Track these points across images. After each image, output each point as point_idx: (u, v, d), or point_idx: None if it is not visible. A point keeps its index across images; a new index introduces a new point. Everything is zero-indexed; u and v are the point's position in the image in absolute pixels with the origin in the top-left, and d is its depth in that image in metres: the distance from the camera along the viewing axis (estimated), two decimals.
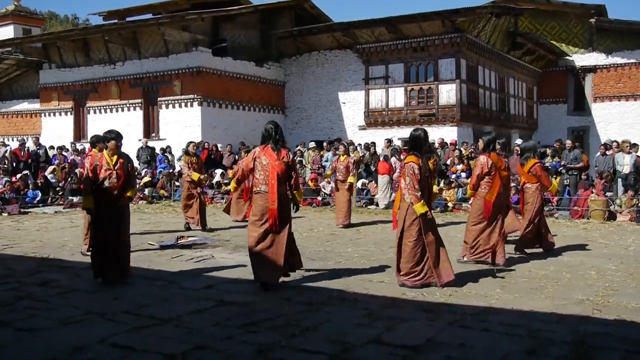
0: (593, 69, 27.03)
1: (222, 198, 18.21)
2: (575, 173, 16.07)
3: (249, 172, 6.76)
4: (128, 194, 7.20)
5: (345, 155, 13.07)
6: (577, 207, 14.32)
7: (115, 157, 7.17)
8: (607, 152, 16.43)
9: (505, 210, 8.43)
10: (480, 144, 8.21)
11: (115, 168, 7.09)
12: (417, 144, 6.75)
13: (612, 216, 13.75)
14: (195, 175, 12.01)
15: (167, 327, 5.10)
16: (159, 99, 22.36)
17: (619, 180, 15.30)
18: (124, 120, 22.96)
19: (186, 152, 12.56)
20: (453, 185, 16.47)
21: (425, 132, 6.86)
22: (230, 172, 13.00)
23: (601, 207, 13.77)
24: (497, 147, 8.38)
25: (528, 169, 9.07)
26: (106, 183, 7.03)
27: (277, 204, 6.46)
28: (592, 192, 14.28)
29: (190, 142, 12.78)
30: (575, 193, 15.13)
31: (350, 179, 12.92)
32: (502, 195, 8.06)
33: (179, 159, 16.66)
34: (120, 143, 7.29)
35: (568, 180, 15.79)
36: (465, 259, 8.07)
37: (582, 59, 27.20)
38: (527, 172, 9.07)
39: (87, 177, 7.04)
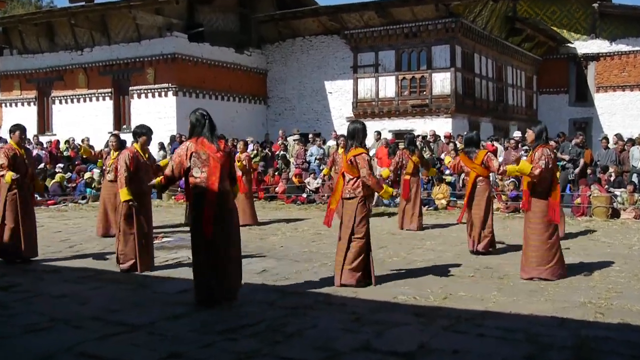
0: (596, 57, 27.27)
1: None
2: (568, 167, 16.20)
3: (182, 172, 6.08)
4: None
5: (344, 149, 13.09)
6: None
7: (147, 154, 8.01)
8: (610, 146, 16.60)
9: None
10: (530, 134, 7.42)
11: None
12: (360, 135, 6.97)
13: (615, 213, 13.88)
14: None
15: (140, 334, 5.07)
16: (130, 88, 22.26)
17: (635, 175, 15.42)
18: (93, 111, 22.85)
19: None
20: (446, 181, 16.53)
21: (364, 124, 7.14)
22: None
23: (604, 204, 13.89)
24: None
25: (480, 161, 9.09)
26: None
27: (218, 202, 5.94)
28: (590, 189, 14.38)
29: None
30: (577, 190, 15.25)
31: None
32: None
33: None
34: (150, 138, 8.09)
35: (573, 175, 15.85)
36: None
37: (584, 46, 27.43)
38: (480, 165, 9.09)
39: (128, 169, 7.67)
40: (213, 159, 6.00)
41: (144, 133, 7.97)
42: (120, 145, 10.42)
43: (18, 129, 8.48)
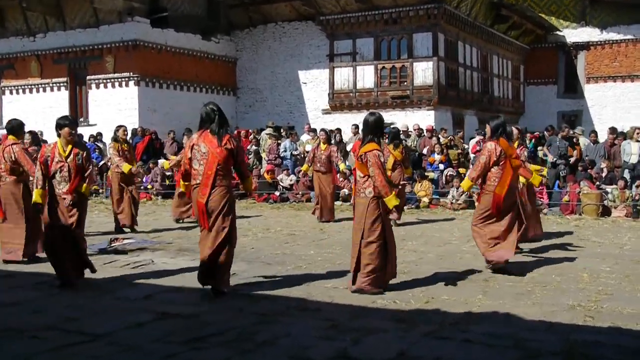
0: (586, 46, 27.60)
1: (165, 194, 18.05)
2: (559, 163, 16.39)
3: (190, 164, 6.59)
4: (82, 189, 7.29)
5: (326, 144, 13.36)
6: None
7: (69, 147, 7.31)
8: (598, 140, 16.84)
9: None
10: (488, 129, 8.07)
11: (68, 160, 7.25)
12: (378, 129, 6.85)
13: (606, 211, 14.08)
14: (126, 167, 11.73)
15: (99, 344, 5.04)
16: (87, 77, 22.01)
17: (626, 171, 15.59)
18: (47, 102, 22.54)
19: (115, 139, 12.28)
20: (429, 177, 16.64)
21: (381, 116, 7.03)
22: (172, 158, 12.95)
23: (594, 202, 14.08)
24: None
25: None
26: (57, 177, 7.20)
27: (207, 197, 6.37)
28: (579, 186, 14.57)
29: (120, 126, 12.43)
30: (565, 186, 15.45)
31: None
32: (515, 188, 7.97)
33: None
34: (75, 131, 7.50)
35: (564, 172, 16.03)
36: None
37: (573, 34, 27.74)
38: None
39: (39, 170, 7.26)
40: (212, 154, 6.36)
41: (65, 125, 7.34)
42: (35, 142, 10.51)
43: None
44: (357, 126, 19.94)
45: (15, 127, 8.87)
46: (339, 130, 19.70)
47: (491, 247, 7.76)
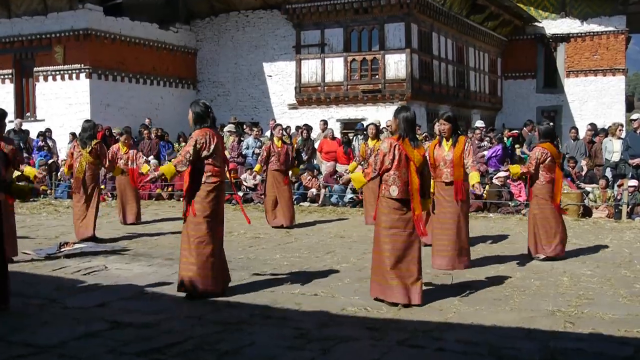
0: (566, 38, 28.03)
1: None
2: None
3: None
4: None
5: (375, 140, 12.80)
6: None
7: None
8: (579, 137, 17.09)
9: None
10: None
11: None
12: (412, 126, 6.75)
13: (587, 212, 14.28)
14: (145, 168, 12.81)
15: (48, 356, 4.98)
16: (35, 69, 21.79)
17: (608, 169, 15.76)
18: None
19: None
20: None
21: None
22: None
23: (574, 202, 14.27)
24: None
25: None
26: None
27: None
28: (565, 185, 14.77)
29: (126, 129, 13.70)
30: None
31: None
32: None
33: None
34: (4, 123, 7.51)
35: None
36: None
37: (553, 25, 28.16)
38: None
39: None
40: (222, 151, 7.02)
41: None
42: None
43: None
44: (325, 122, 20.01)
45: None
46: (306, 126, 19.67)
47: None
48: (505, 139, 18.90)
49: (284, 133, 14.01)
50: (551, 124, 9.07)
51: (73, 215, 11.17)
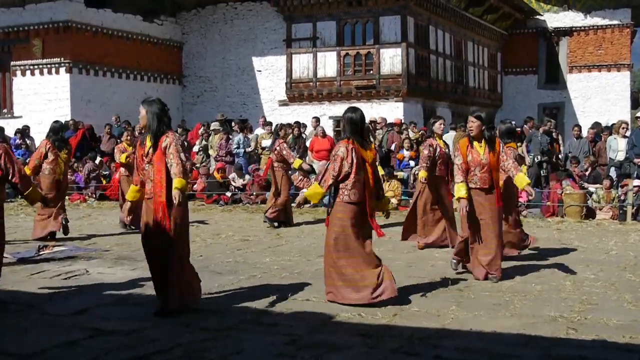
0: (569, 32, 28.08)
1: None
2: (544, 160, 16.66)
3: None
4: None
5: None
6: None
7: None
8: (582, 135, 17.13)
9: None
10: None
11: None
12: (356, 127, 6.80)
13: (590, 213, 14.31)
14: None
15: None
16: (12, 63, 21.74)
17: (612, 169, 15.79)
18: None
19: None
20: (398, 177, 16.72)
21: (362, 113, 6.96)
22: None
23: (578, 203, 14.31)
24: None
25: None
26: None
27: None
28: (562, 185, 14.79)
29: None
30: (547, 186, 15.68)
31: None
32: None
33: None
34: None
35: (546, 171, 16.23)
36: None
37: (555, 19, 28.21)
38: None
39: None
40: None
41: None
42: None
43: None
44: (317, 119, 19.97)
45: None
46: (298, 123, 19.63)
47: None
48: None
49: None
50: (513, 122, 8.92)
51: (38, 213, 11.37)
